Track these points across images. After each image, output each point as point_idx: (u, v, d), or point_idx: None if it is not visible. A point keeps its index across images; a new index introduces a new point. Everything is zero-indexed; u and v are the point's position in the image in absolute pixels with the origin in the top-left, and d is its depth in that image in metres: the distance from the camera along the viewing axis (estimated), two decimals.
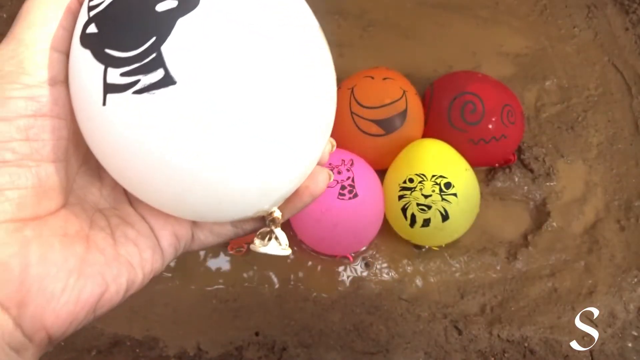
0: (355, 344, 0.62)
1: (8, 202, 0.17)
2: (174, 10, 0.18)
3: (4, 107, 0.17)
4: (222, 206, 0.21)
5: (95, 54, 0.19)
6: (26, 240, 0.17)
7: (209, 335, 0.63)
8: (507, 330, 0.63)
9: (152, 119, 0.18)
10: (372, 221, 0.62)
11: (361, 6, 0.83)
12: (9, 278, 0.17)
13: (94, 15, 0.19)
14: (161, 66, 0.18)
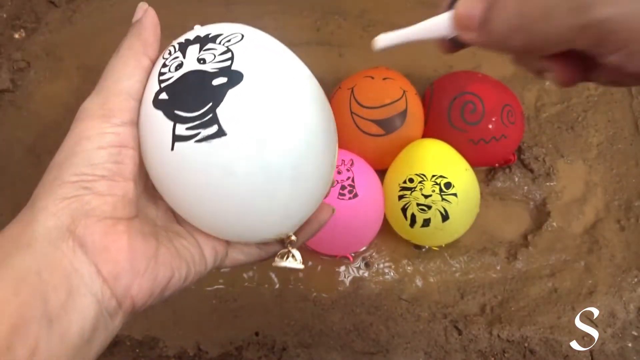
0: (355, 344, 0.62)
1: (107, 205, 0.24)
2: (225, 84, 0.26)
3: (102, 139, 0.25)
4: (254, 230, 0.29)
5: (166, 114, 0.26)
6: (120, 232, 0.24)
7: (209, 335, 0.63)
8: (507, 330, 0.63)
9: (208, 161, 0.25)
10: (372, 221, 0.62)
11: (361, 6, 0.82)
12: (109, 258, 0.23)
13: (165, 86, 0.27)
14: (216, 123, 0.25)
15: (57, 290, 0.21)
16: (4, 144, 0.73)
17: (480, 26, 0.21)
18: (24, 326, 0.20)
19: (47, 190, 0.24)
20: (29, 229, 0.22)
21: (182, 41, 0.29)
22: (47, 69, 0.78)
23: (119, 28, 0.81)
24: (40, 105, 0.75)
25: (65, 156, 0.24)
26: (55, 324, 0.21)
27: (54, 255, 0.22)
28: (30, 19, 0.80)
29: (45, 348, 0.21)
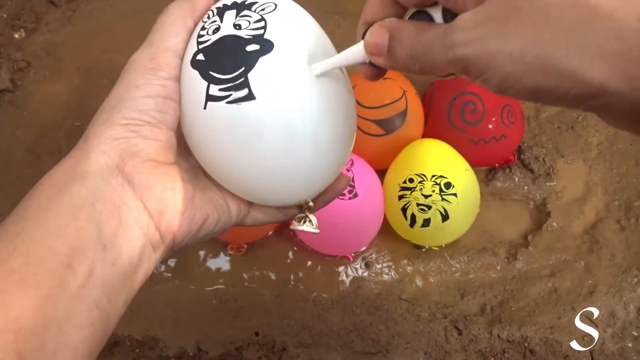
0: (355, 344, 0.62)
1: (151, 148, 0.26)
2: (257, 51, 0.28)
3: (150, 89, 0.27)
4: (277, 194, 0.30)
5: (202, 74, 0.28)
6: (162, 174, 0.26)
7: (209, 335, 0.63)
8: (507, 330, 0.63)
9: (237, 122, 0.27)
10: (372, 221, 0.62)
11: (361, 6, 0.82)
12: (154, 196, 0.26)
13: (202, 48, 0.29)
14: (247, 87, 0.27)
15: (109, 220, 0.24)
16: (4, 144, 0.73)
17: (386, 53, 0.25)
18: (81, 248, 0.22)
19: (98, 130, 0.25)
20: (82, 163, 0.24)
21: (220, 6, 0.31)
22: (47, 69, 0.78)
23: (119, 28, 0.81)
24: (40, 105, 0.75)
25: (116, 101, 0.26)
26: (108, 250, 0.23)
27: (105, 189, 0.24)
28: (30, 19, 0.80)
29: (100, 271, 0.23)
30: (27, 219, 0.23)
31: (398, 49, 0.25)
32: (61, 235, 0.22)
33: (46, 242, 0.22)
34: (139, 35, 0.31)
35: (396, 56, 0.25)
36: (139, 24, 0.79)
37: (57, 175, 0.24)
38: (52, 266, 0.21)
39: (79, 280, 0.22)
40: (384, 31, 0.25)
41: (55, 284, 0.21)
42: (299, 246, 0.67)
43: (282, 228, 0.67)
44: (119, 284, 0.24)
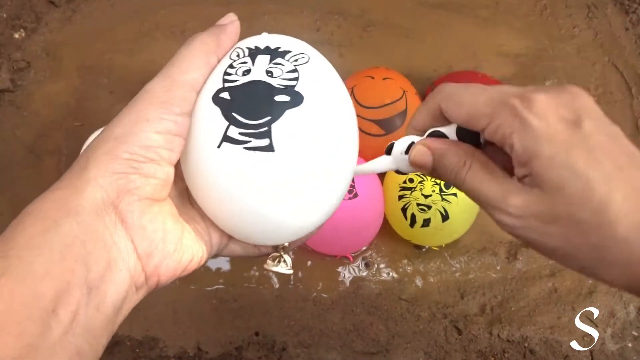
0: (355, 344, 0.62)
1: (149, 186, 0.25)
2: (286, 103, 0.28)
3: (160, 125, 0.26)
4: (262, 235, 0.31)
5: (224, 113, 0.28)
6: (155, 213, 0.26)
7: (209, 335, 0.63)
8: (507, 330, 0.63)
9: (250, 169, 0.27)
10: (372, 221, 0.62)
11: (361, 6, 0.82)
12: (145, 237, 0.25)
13: (229, 87, 0.28)
14: (268, 137, 0.27)
15: (98, 261, 0.23)
16: (4, 144, 0.73)
17: (432, 171, 0.28)
18: (67, 291, 0.21)
19: (98, 161, 0.24)
20: (77, 196, 0.23)
21: (252, 47, 0.30)
22: (47, 69, 0.78)
23: (119, 28, 0.81)
24: (40, 105, 0.75)
25: (123, 132, 0.25)
26: (93, 293, 0.22)
27: (97, 226, 0.23)
28: (30, 19, 0.80)
29: (84, 315, 0.22)
30: (13, 257, 0.21)
31: (442, 170, 0.28)
32: (48, 277, 0.21)
33: (32, 285, 0.21)
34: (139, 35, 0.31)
35: (440, 174, 0.28)
36: (139, 24, 0.79)
37: (48, 206, 0.23)
38: (36, 313, 0.20)
39: (62, 327, 0.21)
40: (427, 153, 0.28)
41: (39, 332, 0.20)
42: (299, 246, 0.67)
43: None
44: (101, 329, 0.23)
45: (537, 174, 0.23)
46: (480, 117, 0.25)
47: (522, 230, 0.24)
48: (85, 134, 0.65)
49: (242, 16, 0.31)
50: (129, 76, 0.76)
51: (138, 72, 0.76)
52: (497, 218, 0.25)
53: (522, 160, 0.23)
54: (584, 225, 0.22)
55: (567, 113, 0.23)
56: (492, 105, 0.24)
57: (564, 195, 0.22)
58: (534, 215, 0.23)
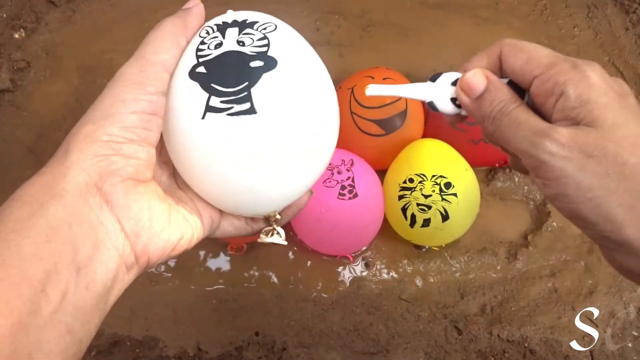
0: (355, 344, 0.62)
1: (131, 166, 0.26)
2: (261, 67, 0.29)
3: (136, 105, 0.26)
4: (251, 204, 0.31)
5: (203, 86, 0.28)
6: (140, 193, 0.26)
7: (209, 335, 0.63)
8: (507, 330, 0.63)
9: (236, 134, 0.28)
10: (372, 221, 0.62)
11: (361, 6, 0.82)
12: (131, 216, 0.25)
13: (203, 61, 0.29)
14: (249, 101, 0.28)
15: (85, 242, 0.23)
16: (4, 144, 0.73)
17: (475, 98, 0.28)
18: (55, 272, 0.22)
19: (79, 145, 0.25)
20: (60, 180, 0.24)
21: (220, 23, 0.32)
22: (47, 69, 0.78)
23: (119, 28, 0.81)
24: (40, 105, 0.75)
25: (100, 115, 0.26)
26: (82, 273, 0.23)
27: (82, 208, 0.24)
28: (30, 19, 0.80)
29: (73, 294, 0.22)
30: (1, 240, 0.22)
31: (487, 102, 0.27)
32: (36, 258, 0.22)
33: (20, 266, 0.21)
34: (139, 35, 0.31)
35: (482, 106, 0.28)
36: (139, 24, 0.79)
37: (34, 191, 0.24)
38: (25, 292, 0.21)
39: (51, 306, 0.21)
40: (484, 80, 0.28)
41: (28, 310, 0.21)
42: (299, 246, 0.67)
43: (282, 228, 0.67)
44: (92, 307, 0.23)
45: (590, 115, 0.24)
46: (537, 65, 0.26)
47: (562, 160, 0.24)
48: None
49: None
50: None
51: None
52: (542, 145, 0.24)
53: (572, 105, 0.24)
54: (627, 167, 0.23)
55: (616, 86, 0.25)
56: (553, 57, 0.26)
57: (616, 136, 0.23)
58: (582, 145, 0.23)
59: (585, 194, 0.23)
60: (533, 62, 0.26)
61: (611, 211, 0.23)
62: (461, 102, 0.29)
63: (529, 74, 0.27)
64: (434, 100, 0.31)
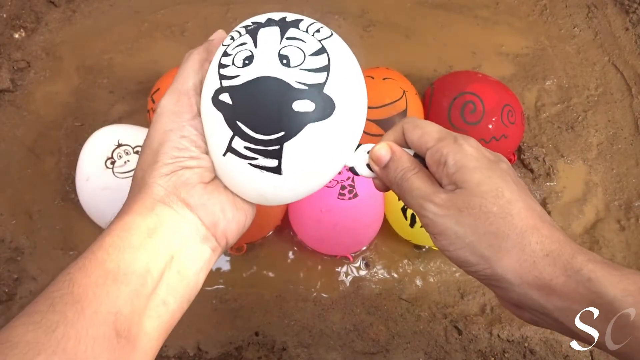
0: (355, 344, 0.62)
1: (196, 175, 0.32)
2: (308, 114, 0.20)
3: (182, 130, 0.32)
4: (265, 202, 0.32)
5: (227, 121, 0.24)
6: (210, 191, 0.32)
7: (209, 335, 0.63)
8: (507, 330, 0.63)
9: (255, 184, 0.26)
10: (372, 221, 0.62)
11: (361, 6, 0.82)
12: (207, 211, 0.32)
13: (228, 87, 0.23)
14: (278, 158, 0.23)
15: (175, 237, 0.30)
16: (4, 144, 0.73)
17: (383, 167, 0.34)
18: (156, 259, 0.29)
19: (151, 170, 0.31)
20: (148, 196, 0.31)
21: (249, 24, 0.24)
22: (47, 69, 0.78)
23: (119, 28, 0.81)
24: (40, 105, 0.75)
25: (158, 144, 0.32)
26: (175, 260, 0.30)
27: (169, 214, 0.31)
28: (30, 19, 0.80)
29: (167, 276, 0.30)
30: (115, 236, 0.29)
31: (392, 170, 0.33)
32: (141, 248, 0.29)
33: (131, 252, 0.29)
34: (139, 35, 0.31)
35: (388, 174, 0.33)
36: (139, 24, 0.79)
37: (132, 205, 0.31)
38: (137, 270, 0.28)
39: (154, 282, 0.29)
40: (388, 151, 0.34)
41: (140, 283, 0.28)
42: (299, 246, 0.67)
43: (282, 228, 0.67)
44: (183, 287, 0.30)
45: (461, 178, 0.30)
46: (429, 139, 0.32)
47: (442, 218, 0.30)
48: (85, 134, 0.65)
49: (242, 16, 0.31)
50: (129, 76, 0.76)
51: (138, 72, 0.76)
52: (426, 207, 0.30)
53: (451, 171, 0.30)
54: (491, 215, 0.28)
55: (491, 156, 0.32)
56: (440, 133, 0.32)
57: (480, 191, 0.29)
58: (454, 205, 0.29)
59: (463, 241, 0.29)
60: (425, 136, 0.32)
61: (483, 252, 0.28)
62: (373, 170, 0.34)
63: (424, 146, 0.32)
64: (355, 165, 0.34)
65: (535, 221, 0.29)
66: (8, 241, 0.67)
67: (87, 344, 0.25)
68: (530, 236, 0.28)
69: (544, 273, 0.28)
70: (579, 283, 0.28)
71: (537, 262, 0.28)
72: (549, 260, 0.28)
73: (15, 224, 0.68)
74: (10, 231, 0.68)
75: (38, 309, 0.26)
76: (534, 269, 0.28)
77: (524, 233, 0.28)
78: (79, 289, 0.27)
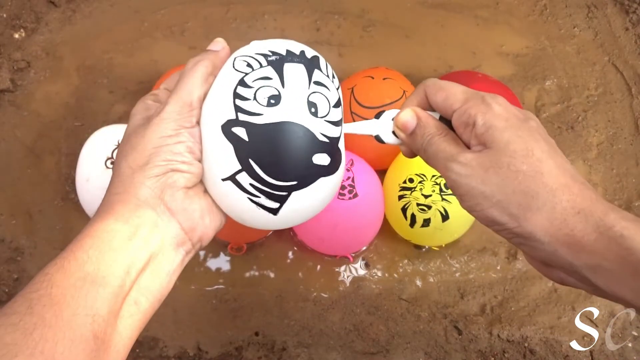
0: (355, 344, 0.62)
1: (183, 179, 0.32)
2: (323, 167, 0.21)
3: (179, 137, 0.32)
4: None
5: (238, 155, 0.24)
6: (192, 197, 0.33)
7: (209, 335, 0.63)
8: (507, 330, 0.63)
9: (246, 215, 0.26)
10: (372, 221, 0.62)
11: (361, 6, 0.82)
12: (187, 217, 0.32)
13: (247, 123, 0.24)
14: (280, 203, 0.23)
15: (155, 239, 0.31)
16: (4, 144, 0.73)
17: (409, 134, 0.33)
18: (135, 260, 0.30)
19: (142, 171, 0.32)
20: (132, 197, 0.31)
21: (269, 54, 0.24)
22: (47, 69, 0.78)
23: (119, 28, 0.81)
24: (40, 105, 0.75)
25: (153, 147, 0.32)
26: (152, 262, 0.31)
27: (151, 217, 0.31)
28: (30, 19, 0.80)
29: (143, 277, 0.30)
30: (95, 238, 0.29)
31: (419, 136, 0.33)
32: (122, 251, 0.29)
33: (111, 255, 0.29)
34: (139, 35, 0.31)
35: (415, 140, 0.33)
36: (139, 24, 0.79)
37: (115, 205, 0.31)
38: (116, 272, 0.29)
39: (130, 284, 0.29)
40: (414, 116, 0.33)
41: (118, 285, 0.28)
42: (299, 246, 0.67)
43: None
44: (156, 288, 0.31)
45: (490, 138, 0.29)
46: (455, 101, 0.31)
47: (466, 177, 0.29)
48: (85, 134, 0.65)
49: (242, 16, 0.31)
50: (129, 76, 0.76)
51: (138, 72, 0.76)
52: (450, 167, 0.30)
53: (480, 132, 0.30)
54: (520, 174, 0.28)
55: (520, 114, 0.31)
56: (466, 94, 0.31)
57: (509, 150, 0.29)
58: (480, 164, 0.29)
59: (490, 200, 0.29)
60: (451, 98, 0.32)
61: (512, 210, 0.28)
62: (399, 137, 0.34)
63: (450, 109, 0.32)
64: (380, 134, 0.34)
65: (566, 179, 0.28)
66: (8, 241, 0.67)
67: (64, 346, 0.26)
68: (562, 194, 0.28)
69: (575, 230, 0.27)
70: (611, 240, 0.27)
71: (568, 220, 0.27)
72: (581, 218, 0.27)
73: (15, 224, 0.68)
74: (10, 231, 0.68)
75: (16, 310, 0.26)
76: (565, 227, 0.27)
77: (555, 191, 0.28)
78: (57, 290, 0.27)
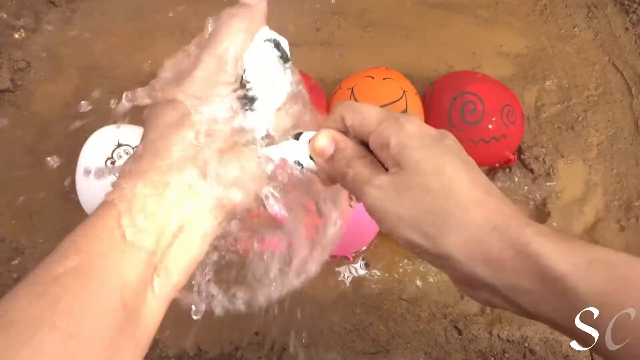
0: (355, 344, 0.62)
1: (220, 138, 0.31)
2: None
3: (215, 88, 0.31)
4: None
5: None
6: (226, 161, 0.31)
7: (209, 335, 0.63)
8: (507, 330, 0.63)
9: None
10: (372, 221, 0.62)
11: (361, 6, 0.82)
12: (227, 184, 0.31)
13: None
14: None
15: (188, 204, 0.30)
16: (4, 144, 0.73)
17: (328, 159, 0.32)
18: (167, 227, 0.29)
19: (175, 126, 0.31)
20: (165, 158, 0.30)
21: None
22: (47, 69, 0.78)
23: (119, 28, 0.81)
24: (40, 105, 0.75)
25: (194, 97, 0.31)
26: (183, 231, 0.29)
27: (185, 178, 0.30)
28: (30, 19, 0.80)
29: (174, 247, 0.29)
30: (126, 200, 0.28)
31: (336, 161, 0.32)
32: (153, 220, 0.28)
33: (143, 225, 0.28)
34: (139, 35, 0.31)
35: (334, 165, 0.32)
36: (139, 23, 0.79)
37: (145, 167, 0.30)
38: (148, 240, 0.28)
39: (162, 253, 0.28)
40: (331, 141, 0.32)
41: (150, 252, 0.28)
42: None
43: None
44: (186, 260, 0.30)
45: (404, 158, 0.29)
46: (370, 122, 0.31)
47: (381, 201, 0.29)
48: (85, 134, 0.65)
49: None
50: (129, 76, 0.76)
51: (138, 72, 0.76)
52: (366, 191, 0.30)
53: (394, 152, 0.29)
54: (432, 192, 0.28)
55: (435, 133, 0.30)
56: (381, 115, 0.31)
57: (420, 170, 0.28)
58: (393, 186, 0.29)
59: (406, 222, 0.28)
60: (366, 120, 0.31)
61: (427, 231, 0.28)
62: (317, 163, 0.33)
63: (366, 131, 0.31)
64: (298, 157, 0.32)
65: (480, 194, 0.27)
66: (8, 241, 0.67)
67: (91, 318, 0.24)
68: (475, 211, 0.27)
69: (492, 249, 0.26)
70: (528, 257, 0.25)
71: (484, 237, 0.26)
72: (496, 235, 0.26)
73: (15, 224, 0.68)
74: (10, 231, 0.68)
75: (39, 280, 0.25)
76: (481, 245, 0.26)
77: (468, 208, 0.27)
78: (85, 259, 0.26)
